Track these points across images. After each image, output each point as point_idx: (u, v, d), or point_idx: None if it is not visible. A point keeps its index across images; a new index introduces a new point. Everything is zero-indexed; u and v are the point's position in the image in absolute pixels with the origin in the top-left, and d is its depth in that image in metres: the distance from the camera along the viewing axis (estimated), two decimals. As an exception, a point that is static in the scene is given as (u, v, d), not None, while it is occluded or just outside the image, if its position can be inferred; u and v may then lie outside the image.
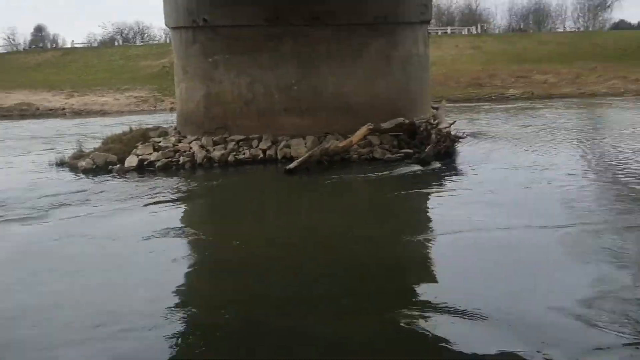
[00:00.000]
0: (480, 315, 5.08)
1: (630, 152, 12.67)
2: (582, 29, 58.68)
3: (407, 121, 13.47)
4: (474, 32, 50.98)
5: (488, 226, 7.73)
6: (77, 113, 29.70)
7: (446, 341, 4.71)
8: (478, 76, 32.23)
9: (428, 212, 9.37)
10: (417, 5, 14.78)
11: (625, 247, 6.75)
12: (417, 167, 11.90)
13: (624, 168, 11.15)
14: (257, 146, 13.48)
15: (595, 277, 5.87)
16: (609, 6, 44.82)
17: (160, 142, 14.01)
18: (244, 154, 13.28)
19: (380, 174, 11.57)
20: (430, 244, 7.40)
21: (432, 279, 6.34)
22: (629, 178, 10.20)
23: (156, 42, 59.36)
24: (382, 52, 14.32)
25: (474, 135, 15.67)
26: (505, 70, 33.39)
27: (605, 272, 5.98)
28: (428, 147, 12.35)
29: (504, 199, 9.23)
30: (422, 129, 13.30)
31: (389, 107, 14.11)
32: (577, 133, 15.99)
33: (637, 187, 9.60)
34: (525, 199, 9.20)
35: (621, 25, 55.60)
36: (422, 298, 5.73)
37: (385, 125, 13.26)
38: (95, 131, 19.87)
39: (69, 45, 56.45)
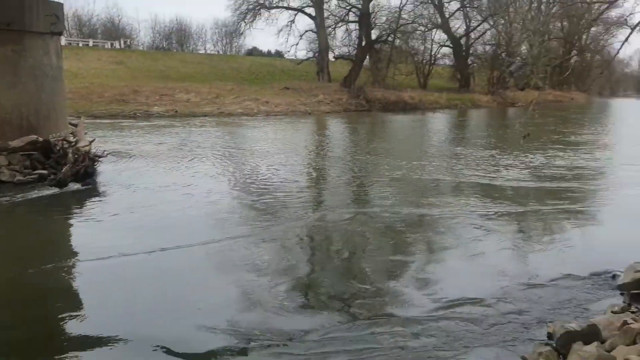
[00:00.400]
0: (120, 340, 5.12)
1: (252, 168, 14.12)
2: (220, 52, 63.44)
3: (40, 139, 12.35)
4: (118, 46, 50.14)
5: (133, 250, 7.56)
6: None
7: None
8: (122, 92, 31.66)
9: (68, 239, 8.67)
10: (47, 15, 13.70)
11: (263, 256, 7.46)
12: (53, 190, 10.99)
13: (257, 183, 12.36)
14: None
15: (237, 289, 6.39)
16: (242, 34, 49.38)
17: None
18: None
19: (9, 199, 10.29)
20: (73, 274, 6.92)
21: (76, 309, 5.89)
22: (261, 197, 11.10)
23: None
24: (9, 61, 12.82)
25: (115, 153, 15.28)
26: (150, 87, 33.66)
27: (246, 282, 6.54)
28: (65, 168, 11.52)
29: (146, 221, 9.18)
30: (58, 147, 12.38)
31: (19, 123, 12.77)
32: (212, 150, 17.06)
33: (271, 200, 10.71)
34: (168, 219, 9.31)
35: (255, 52, 62.14)
36: (62, 331, 5.33)
37: (14, 143, 11.92)
38: None
39: None
